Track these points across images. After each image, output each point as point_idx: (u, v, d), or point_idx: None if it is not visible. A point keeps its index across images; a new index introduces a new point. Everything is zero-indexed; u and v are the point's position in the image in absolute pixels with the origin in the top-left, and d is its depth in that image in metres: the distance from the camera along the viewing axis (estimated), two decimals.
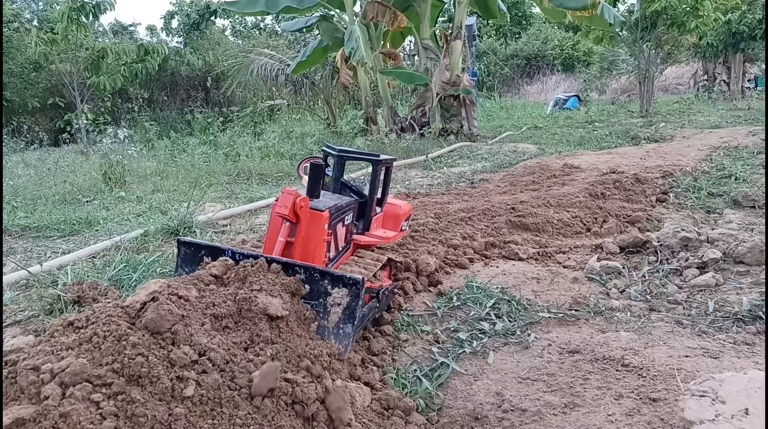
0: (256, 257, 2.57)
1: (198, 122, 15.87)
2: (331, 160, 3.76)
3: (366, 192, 3.68)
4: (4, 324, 3.37)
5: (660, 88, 24.61)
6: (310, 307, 2.53)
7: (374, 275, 3.20)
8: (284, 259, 2.60)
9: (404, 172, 9.01)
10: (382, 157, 3.63)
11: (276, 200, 2.79)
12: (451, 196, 6.76)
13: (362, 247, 3.58)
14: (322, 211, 2.87)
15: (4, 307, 3.59)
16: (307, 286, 2.55)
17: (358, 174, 8.01)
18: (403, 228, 4.11)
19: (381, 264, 3.37)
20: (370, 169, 3.87)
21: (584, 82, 25.04)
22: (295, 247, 2.80)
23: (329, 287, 2.56)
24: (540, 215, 5.25)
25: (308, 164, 3.71)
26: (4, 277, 4.04)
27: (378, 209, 3.82)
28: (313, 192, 2.91)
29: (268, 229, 2.88)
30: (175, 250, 2.63)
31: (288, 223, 2.75)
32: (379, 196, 3.86)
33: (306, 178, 3.61)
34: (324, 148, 3.76)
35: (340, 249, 3.31)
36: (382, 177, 3.83)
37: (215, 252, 2.75)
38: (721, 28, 19.75)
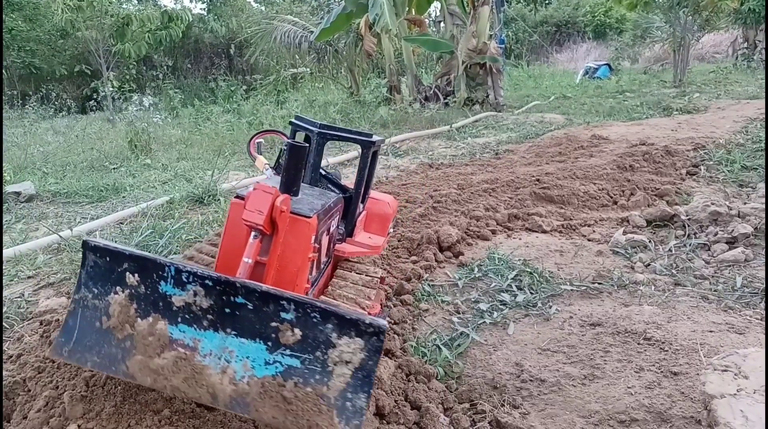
0: (213, 280, 1.67)
1: (221, 90, 15.91)
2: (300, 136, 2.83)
3: (344, 184, 2.83)
4: (38, 285, 3.50)
5: (696, 56, 23.66)
6: (300, 363, 1.67)
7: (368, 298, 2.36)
8: (264, 287, 1.68)
9: (428, 143, 8.93)
10: (375, 137, 2.66)
11: (238, 198, 1.96)
12: (475, 167, 6.68)
13: (345, 259, 2.67)
14: (309, 217, 1.97)
15: (38, 270, 3.72)
16: (297, 330, 1.66)
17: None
18: (390, 231, 3.21)
19: (375, 286, 2.50)
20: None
21: (616, 50, 24.21)
22: (268, 269, 1.89)
23: (334, 335, 1.66)
24: (565, 187, 5.17)
25: (261, 140, 2.98)
26: (39, 240, 4.17)
27: (360, 206, 2.86)
28: (291, 187, 1.98)
29: (223, 238, 2.00)
30: (83, 257, 1.80)
31: (259, 236, 1.82)
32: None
33: (261, 158, 2.87)
34: (295, 120, 2.76)
35: (322, 266, 2.39)
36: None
37: (147, 267, 1.73)
38: None
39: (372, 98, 14.84)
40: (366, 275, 2.52)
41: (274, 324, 1.67)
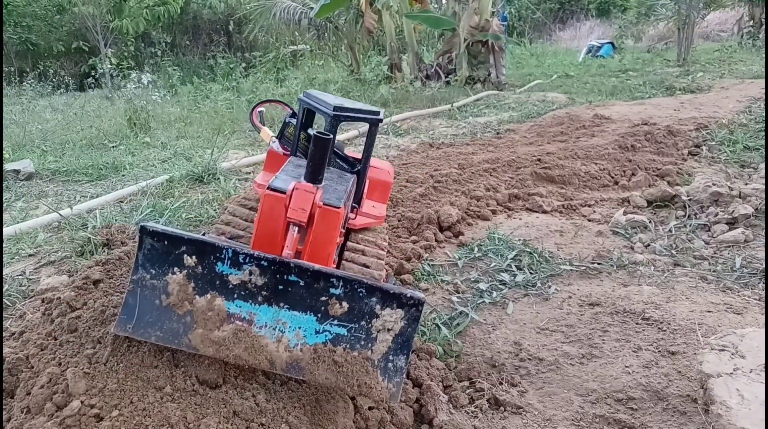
0: (268, 261, 1.90)
1: (221, 68, 15.72)
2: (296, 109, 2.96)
3: (348, 155, 2.95)
4: (39, 263, 3.51)
5: (700, 35, 23.35)
6: (347, 332, 1.95)
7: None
8: (315, 266, 1.93)
9: (428, 122, 8.86)
10: (381, 114, 2.75)
11: (271, 190, 2.10)
12: (476, 146, 6.64)
13: (356, 231, 2.82)
14: (338, 207, 2.14)
15: (39, 248, 3.72)
16: (344, 303, 1.93)
17: None
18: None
19: (385, 256, 2.73)
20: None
21: (620, 28, 23.87)
22: (303, 255, 2.10)
23: (378, 307, 1.94)
24: (567, 167, 5.15)
25: (262, 109, 3.19)
26: (39, 219, 4.18)
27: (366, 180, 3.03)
28: (317, 176, 2.08)
29: (257, 223, 2.12)
30: (139, 241, 1.94)
31: (298, 229, 2.02)
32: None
33: (266, 130, 3.09)
34: (304, 98, 2.81)
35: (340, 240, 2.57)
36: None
37: (205, 250, 1.92)
38: None
39: (372, 76, 14.68)
40: (375, 244, 2.71)
41: (323, 298, 1.93)
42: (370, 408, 2.12)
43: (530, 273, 3.28)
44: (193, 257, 1.91)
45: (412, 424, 2.16)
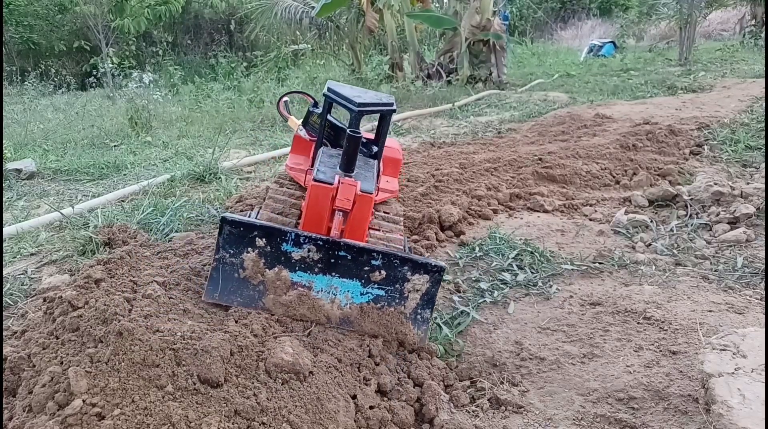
0: (322, 241, 2.42)
1: (222, 67, 15.73)
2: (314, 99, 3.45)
3: (365, 137, 3.36)
4: (41, 262, 3.52)
5: (702, 34, 23.29)
6: (384, 293, 2.49)
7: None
8: (360, 244, 2.46)
9: (430, 121, 8.86)
10: (395, 104, 3.18)
11: (316, 181, 2.52)
12: (477, 145, 6.64)
13: (376, 203, 3.22)
14: (371, 193, 2.58)
15: (40, 247, 3.73)
16: (383, 271, 2.46)
17: None
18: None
19: (401, 222, 3.21)
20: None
21: (621, 27, 23.81)
22: (344, 234, 2.54)
23: (409, 273, 2.48)
24: (568, 167, 5.14)
25: (287, 99, 3.66)
26: (41, 218, 4.18)
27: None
28: (350, 167, 2.57)
29: (306, 208, 2.57)
30: (220, 228, 2.41)
31: (343, 215, 2.50)
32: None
33: (293, 119, 3.55)
34: (328, 92, 3.08)
35: None
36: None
37: (273, 234, 2.43)
38: None
39: (374, 75, 14.68)
40: (394, 213, 3.22)
41: (366, 268, 2.48)
42: (371, 407, 2.12)
43: (531, 272, 3.28)
44: (263, 239, 2.43)
45: (413, 423, 2.16)
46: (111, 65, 14.59)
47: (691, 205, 4.09)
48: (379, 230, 2.94)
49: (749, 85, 10.69)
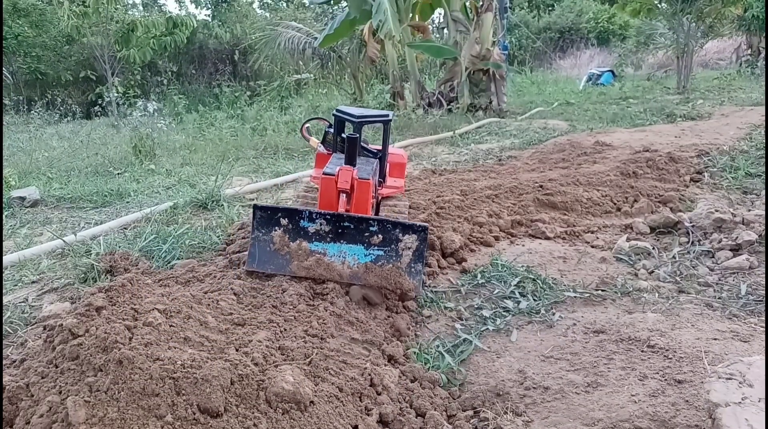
0: (330, 215, 3.12)
1: (225, 96, 15.95)
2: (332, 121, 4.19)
3: (371, 147, 4.14)
4: (42, 290, 3.51)
5: (699, 63, 23.63)
6: (383, 253, 3.11)
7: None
8: (359, 214, 3.16)
9: (431, 149, 8.93)
10: (391, 115, 4.08)
11: (326, 174, 3.34)
12: (478, 173, 6.68)
13: (384, 197, 4.10)
14: (368, 179, 3.36)
15: (42, 275, 3.73)
16: (380, 235, 3.11)
17: None
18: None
19: (405, 209, 4.06)
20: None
21: (619, 56, 24.18)
22: (351, 212, 3.30)
23: (400, 235, 3.11)
24: (569, 193, 5.16)
25: (308, 125, 4.45)
26: (43, 245, 4.19)
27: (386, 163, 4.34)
28: (352, 161, 3.39)
29: (320, 194, 3.40)
30: (253, 214, 3.17)
31: (345, 195, 3.29)
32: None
33: (313, 139, 4.36)
34: (336, 113, 3.98)
35: (374, 204, 3.87)
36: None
37: (292, 214, 3.16)
38: None
39: (375, 104, 14.86)
40: (398, 204, 4.02)
41: (366, 234, 3.14)
42: None
43: (534, 300, 3.26)
44: (286, 219, 3.16)
45: None
46: (116, 94, 14.80)
47: (692, 232, 4.09)
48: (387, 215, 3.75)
49: (747, 112, 10.80)
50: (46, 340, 2.33)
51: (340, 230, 3.13)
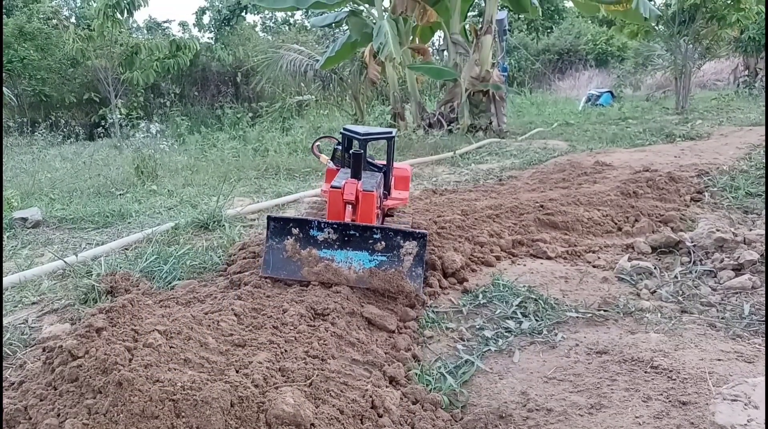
0: (336, 224, 3.37)
1: (228, 117, 16.10)
2: (339, 137, 4.46)
3: (377, 163, 4.43)
4: (42, 311, 3.50)
5: (697, 84, 23.85)
6: (386, 258, 3.36)
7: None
8: (363, 224, 3.42)
9: (431, 169, 8.97)
10: (394, 133, 4.37)
11: (333, 187, 3.62)
12: (479, 193, 6.70)
13: (389, 208, 4.41)
14: (372, 191, 3.60)
15: (42, 296, 3.72)
16: (383, 242, 3.36)
17: None
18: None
19: (409, 218, 4.45)
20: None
21: (618, 77, 24.43)
22: (357, 221, 3.53)
23: (401, 241, 3.36)
24: (569, 213, 5.16)
25: (319, 144, 4.63)
26: (44, 266, 4.19)
27: (391, 177, 4.61)
28: (358, 174, 3.66)
29: (328, 206, 3.67)
30: (267, 224, 3.44)
31: (351, 206, 3.53)
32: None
33: (323, 156, 4.55)
34: (344, 131, 4.30)
35: (379, 214, 4.09)
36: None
37: (302, 224, 3.42)
38: (763, 21, 19.00)
39: (376, 125, 14.97)
40: (404, 220, 4.36)
41: (370, 241, 3.38)
42: None
43: (536, 320, 3.24)
44: (297, 229, 3.43)
45: None
46: (119, 116, 14.94)
47: (694, 252, 4.08)
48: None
49: (746, 132, 10.86)
50: (45, 361, 2.32)
51: (346, 238, 3.37)
